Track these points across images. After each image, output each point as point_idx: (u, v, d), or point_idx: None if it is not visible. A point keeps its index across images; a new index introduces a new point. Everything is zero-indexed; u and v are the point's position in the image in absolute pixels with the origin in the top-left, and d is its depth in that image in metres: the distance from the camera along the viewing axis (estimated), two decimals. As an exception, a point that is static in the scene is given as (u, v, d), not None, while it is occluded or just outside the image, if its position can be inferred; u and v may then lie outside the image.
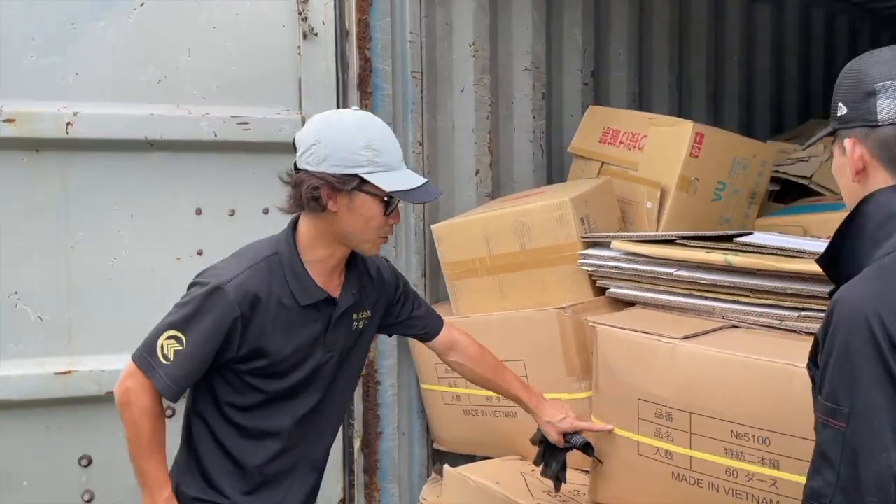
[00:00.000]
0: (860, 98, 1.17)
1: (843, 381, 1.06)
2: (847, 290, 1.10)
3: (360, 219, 1.57)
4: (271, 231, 2.49)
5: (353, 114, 1.61)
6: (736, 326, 2.02)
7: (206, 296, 1.55)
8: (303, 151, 1.57)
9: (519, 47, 3.13)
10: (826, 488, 1.07)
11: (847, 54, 4.90)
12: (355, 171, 1.52)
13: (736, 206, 2.77)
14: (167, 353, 1.55)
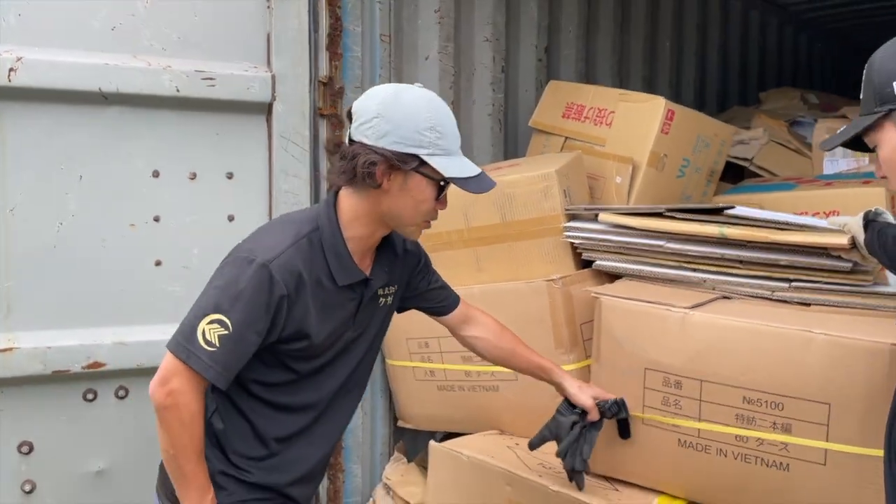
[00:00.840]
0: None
1: None
2: None
3: (411, 201, 1.48)
4: (235, 196, 2.37)
5: (422, 92, 1.50)
6: (728, 297, 2.07)
7: (253, 276, 1.41)
8: (361, 122, 1.46)
9: (481, 17, 3.07)
10: None
11: (758, 47, 5.20)
12: (416, 152, 1.43)
13: (696, 184, 2.85)
14: (211, 339, 1.39)
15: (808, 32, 5.80)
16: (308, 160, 2.44)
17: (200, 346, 1.39)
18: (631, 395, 1.95)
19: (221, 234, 2.35)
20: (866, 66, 1.32)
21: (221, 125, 2.34)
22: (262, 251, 1.44)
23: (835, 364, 1.65)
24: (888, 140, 1.27)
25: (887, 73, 1.25)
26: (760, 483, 1.76)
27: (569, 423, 1.86)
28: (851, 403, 1.64)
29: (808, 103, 4.10)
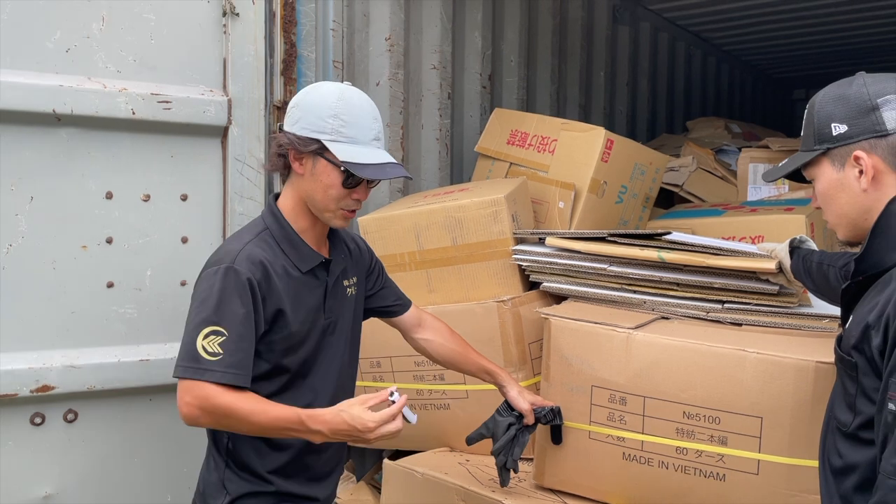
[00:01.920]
0: (861, 114, 1.34)
1: None
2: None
3: (319, 185, 1.61)
4: (189, 218, 2.39)
5: (338, 86, 1.65)
6: (666, 318, 2.21)
7: (222, 279, 1.53)
8: (287, 112, 1.65)
9: (429, 45, 3.17)
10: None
11: (685, 77, 5.48)
12: (318, 137, 1.58)
13: (634, 209, 3.01)
14: (213, 350, 1.48)
15: (729, 63, 6.15)
16: (262, 183, 2.47)
17: (207, 360, 1.47)
18: (578, 411, 2.06)
19: (175, 255, 2.35)
20: (808, 105, 1.46)
21: (176, 147, 2.35)
22: (223, 258, 1.58)
23: (766, 380, 1.80)
24: (824, 175, 1.41)
25: (826, 115, 1.39)
26: (699, 493, 1.89)
27: (505, 424, 1.99)
28: (781, 417, 1.79)
29: (731, 132, 4.36)
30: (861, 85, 1.37)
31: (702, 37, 5.50)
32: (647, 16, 4.90)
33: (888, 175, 1.34)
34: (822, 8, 4.71)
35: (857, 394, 1.32)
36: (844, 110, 1.37)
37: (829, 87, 1.43)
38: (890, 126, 1.32)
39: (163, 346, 2.33)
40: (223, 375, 1.48)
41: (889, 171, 1.33)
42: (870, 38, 5.30)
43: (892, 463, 1.19)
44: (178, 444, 2.37)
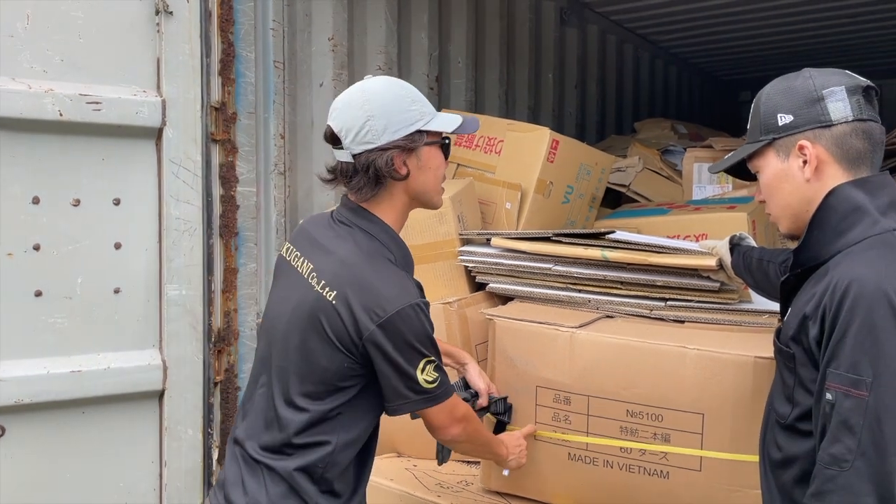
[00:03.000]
0: (807, 105, 1.34)
1: (865, 353, 1.18)
2: (860, 272, 1.22)
3: (430, 172, 1.60)
4: (122, 223, 2.30)
5: (380, 80, 1.60)
6: (611, 316, 2.20)
7: (418, 316, 1.52)
8: (356, 134, 1.53)
9: (374, 45, 3.13)
10: (847, 454, 1.18)
11: (633, 79, 5.54)
12: (416, 127, 1.55)
13: (580, 209, 3.01)
14: (433, 378, 1.55)
15: (676, 66, 6.24)
16: (200, 186, 2.41)
17: (435, 388, 1.55)
18: (524, 412, 2.04)
19: (107, 262, 2.27)
20: (755, 99, 1.47)
21: (108, 150, 2.27)
22: (404, 296, 1.51)
23: (707, 376, 1.80)
24: (769, 166, 1.41)
25: (773, 107, 1.40)
26: (644, 491, 1.88)
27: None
28: (722, 413, 1.79)
29: (677, 133, 4.41)
30: (807, 77, 1.38)
31: (649, 39, 5.57)
32: (594, 18, 4.94)
33: (831, 166, 1.34)
34: (767, 11, 4.80)
35: (795, 385, 1.33)
36: (790, 101, 1.38)
37: (776, 81, 1.44)
38: (834, 117, 1.33)
39: (95, 356, 2.25)
40: (450, 391, 1.60)
41: (832, 162, 1.34)
42: (814, 40, 5.42)
43: (829, 453, 1.20)
44: (112, 458, 2.29)
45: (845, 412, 1.19)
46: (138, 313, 2.32)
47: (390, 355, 1.49)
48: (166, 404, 2.35)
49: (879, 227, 1.28)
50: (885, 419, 1.16)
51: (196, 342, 2.40)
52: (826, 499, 1.20)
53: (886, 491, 1.16)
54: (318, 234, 1.65)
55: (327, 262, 1.56)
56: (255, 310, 2.61)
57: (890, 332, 1.18)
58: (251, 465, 1.58)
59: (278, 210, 2.70)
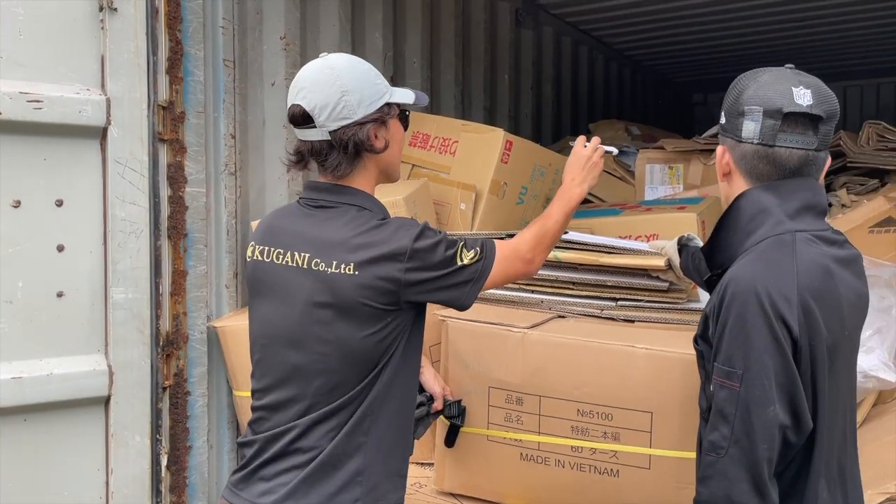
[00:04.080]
0: (735, 114, 1.38)
1: (738, 348, 1.26)
2: (737, 270, 1.30)
3: (397, 144, 1.63)
4: (65, 225, 2.24)
5: (343, 57, 1.60)
6: (563, 317, 2.22)
7: (429, 235, 1.54)
8: (330, 112, 1.52)
9: (327, 45, 3.10)
10: (722, 441, 1.26)
11: (588, 81, 5.59)
12: (385, 100, 1.56)
13: (535, 210, 3.03)
14: (473, 255, 1.56)
15: (631, 68, 6.33)
16: (147, 186, 2.35)
17: (476, 259, 1.56)
18: (476, 413, 2.04)
19: (50, 265, 2.21)
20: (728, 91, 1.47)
21: (50, 150, 2.20)
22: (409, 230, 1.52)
23: (655, 375, 1.83)
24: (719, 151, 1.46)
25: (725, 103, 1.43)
26: (594, 490, 1.90)
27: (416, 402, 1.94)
28: (670, 411, 1.82)
29: (631, 134, 4.47)
30: (746, 86, 1.39)
31: (604, 42, 5.63)
32: (549, 20, 4.97)
33: (738, 176, 1.41)
34: (719, 15, 4.89)
35: (706, 380, 1.39)
36: (729, 104, 1.42)
37: (746, 75, 1.44)
38: (744, 135, 1.37)
39: (38, 362, 2.18)
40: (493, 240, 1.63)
41: (738, 174, 1.41)
42: (765, 44, 5.55)
43: (709, 440, 1.27)
44: (56, 467, 2.22)
45: (721, 402, 1.27)
46: (83, 317, 2.26)
47: (433, 277, 1.51)
48: (112, 410, 2.29)
49: (781, 227, 1.32)
50: (753, 409, 1.23)
51: (143, 346, 2.34)
52: (707, 483, 1.28)
53: (758, 476, 1.23)
54: (296, 226, 1.59)
55: (327, 245, 1.53)
56: (206, 313, 2.56)
57: (759, 327, 1.24)
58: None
59: (229, 211, 2.66)
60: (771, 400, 1.23)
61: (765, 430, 1.23)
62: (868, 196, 3.20)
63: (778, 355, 1.24)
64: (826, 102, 1.35)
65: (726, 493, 1.24)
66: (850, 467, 1.41)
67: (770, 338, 1.24)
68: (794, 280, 1.26)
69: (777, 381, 1.24)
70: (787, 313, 1.24)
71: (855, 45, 5.69)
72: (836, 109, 1.36)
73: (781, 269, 1.27)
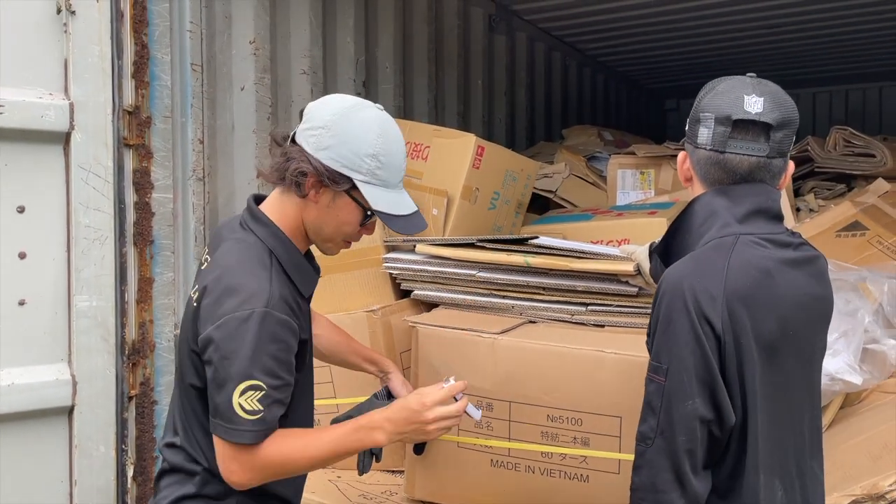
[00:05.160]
0: (694, 121, 1.42)
1: (664, 343, 1.31)
2: (671, 269, 1.35)
3: (334, 220, 1.50)
4: (27, 232, 2.19)
5: (378, 115, 1.48)
6: (533, 322, 2.21)
7: (258, 326, 1.37)
8: (308, 127, 1.46)
9: (298, 49, 3.08)
10: (650, 432, 1.32)
11: (561, 86, 5.62)
12: (351, 175, 1.44)
13: (506, 215, 3.03)
14: (251, 407, 1.36)
15: (604, 74, 6.37)
16: (112, 192, 2.31)
17: (245, 420, 1.37)
18: (447, 420, 2.02)
19: (11, 272, 2.16)
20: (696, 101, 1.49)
21: (11, 155, 2.16)
22: (252, 300, 1.38)
23: (623, 380, 1.83)
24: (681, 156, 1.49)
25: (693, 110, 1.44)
26: (564, 495, 1.90)
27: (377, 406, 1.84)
28: (639, 415, 1.81)
29: (604, 140, 4.49)
30: (705, 94, 1.43)
31: (577, 48, 5.66)
32: (522, 26, 4.99)
33: (696, 180, 1.45)
34: (691, 21, 4.94)
35: None
36: (692, 111, 1.44)
37: (709, 84, 1.46)
38: (699, 141, 1.40)
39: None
40: (258, 434, 1.39)
41: (696, 179, 1.44)
42: (738, 49, 5.61)
43: (639, 430, 1.33)
44: (18, 478, 2.17)
45: (649, 395, 1.33)
46: (45, 326, 2.22)
47: (214, 364, 1.39)
48: (76, 420, 2.25)
49: (727, 230, 1.36)
50: (674, 402, 1.29)
51: (108, 355, 2.30)
52: (638, 472, 1.34)
53: (678, 466, 1.28)
54: (223, 234, 1.59)
55: (209, 266, 1.52)
56: (173, 321, 2.52)
57: (681, 324, 1.29)
58: None
59: (197, 217, 2.62)
60: (690, 394, 1.28)
61: (684, 422, 1.28)
62: (835, 201, 3.25)
63: (699, 351, 1.28)
64: (779, 110, 1.37)
65: (652, 482, 1.30)
66: (812, 468, 1.43)
67: (691, 335, 1.28)
68: (721, 280, 1.29)
69: (697, 376, 1.28)
70: (711, 311, 1.28)
71: (825, 52, 5.78)
72: (790, 117, 1.38)
73: (712, 269, 1.31)
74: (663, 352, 1.31)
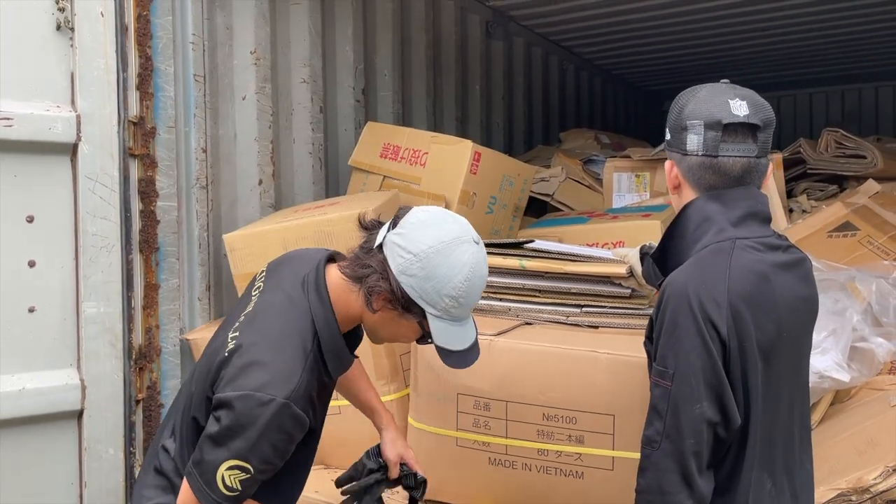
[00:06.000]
0: (679, 130, 1.46)
1: (670, 348, 1.34)
2: (674, 275, 1.39)
3: (393, 331, 1.52)
4: (36, 241, 2.26)
5: (472, 256, 1.45)
6: (529, 324, 2.27)
7: (273, 416, 1.37)
8: (399, 244, 1.42)
9: (297, 59, 3.15)
10: (656, 435, 1.34)
11: (559, 90, 5.67)
12: (426, 308, 1.43)
13: (504, 219, 3.09)
14: (232, 484, 1.38)
15: (601, 77, 6.42)
16: (118, 202, 2.38)
17: (221, 492, 1.39)
18: (446, 419, 2.08)
19: (21, 280, 2.23)
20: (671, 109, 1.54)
21: (21, 166, 2.22)
22: (277, 387, 1.38)
23: (617, 379, 1.88)
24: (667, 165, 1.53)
25: (670, 119, 1.50)
26: (560, 492, 1.95)
27: (367, 468, 1.84)
28: (631, 414, 1.87)
29: (601, 143, 4.55)
30: (686, 102, 1.47)
31: (574, 52, 5.72)
32: (520, 31, 5.04)
33: (686, 188, 1.48)
34: (686, 24, 4.99)
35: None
36: (672, 121, 1.49)
37: (685, 93, 1.51)
38: (689, 148, 1.44)
39: (9, 377, 2.20)
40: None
41: (687, 186, 1.48)
42: (732, 51, 5.66)
43: (645, 434, 1.35)
44: (30, 480, 2.23)
45: (655, 399, 1.35)
46: (54, 332, 2.28)
47: (220, 426, 1.39)
48: (85, 424, 2.31)
49: (723, 235, 1.40)
50: (682, 406, 1.31)
51: (116, 360, 2.36)
52: (644, 474, 1.36)
53: (685, 468, 1.31)
54: (285, 275, 1.58)
55: (253, 311, 1.52)
56: (178, 325, 2.59)
57: (688, 329, 1.32)
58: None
59: (201, 224, 2.68)
60: (698, 398, 1.31)
61: (692, 426, 1.31)
62: (827, 202, 3.30)
63: (706, 355, 1.31)
64: (762, 112, 1.42)
65: (658, 484, 1.32)
66: (802, 463, 1.48)
67: (698, 339, 1.31)
68: (725, 285, 1.33)
69: (705, 380, 1.31)
70: (716, 316, 1.31)
71: (820, 53, 5.83)
72: (772, 118, 1.44)
73: (715, 275, 1.34)
74: (669, 356, 1.32)
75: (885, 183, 3.25)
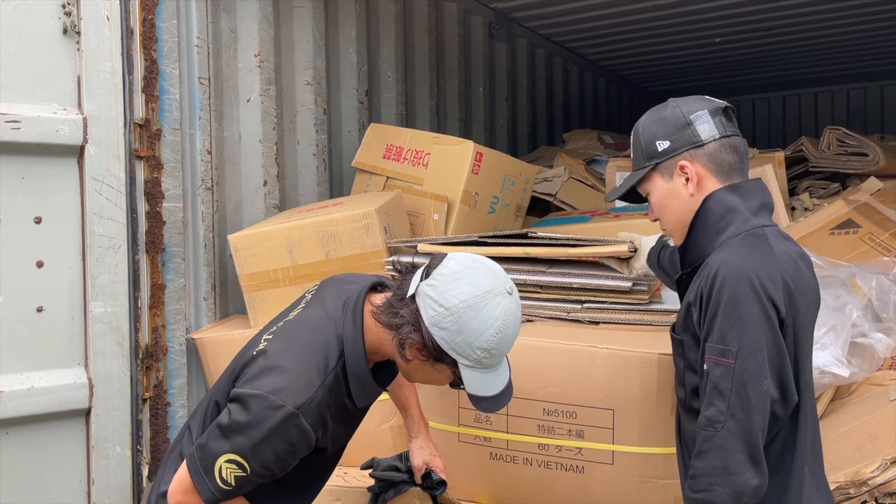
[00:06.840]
0: (679, 130, 1.49)
1: (732, 326, 1.34)
2: (726, 258, 1.39)
3: (425, 376, 1.53)
4: (44, 241, 2.29)
5: (504, 310, 1.43)
6: (531, 320, 2.29)
7: (280, 422, 1.40)
8: (432, 296, 1.43)
9: (301, 61, 3.18)
10: (719, 415, 1.33)
11: (562, 91, 5.69)
12: (457, 359, 1.44)
13: (506, 219, 3.11)
14: (227, 478, 1.42)
15: (605, 78, 6.44)
16: (124, 203, 2.41)
17: (216, 482, 1.43)
18: (448, 414, 2.11)
19: (30, 280, 2.26)
20: (633, 131, 1.60)
21: (28, 168, 2.26)
22: (291, 394, 1.41)
23: (616, 374, 1.90)
24: (657, 188, 1.56)
25: (651, 136, 1.55)
26: (561, 486, 1.97)
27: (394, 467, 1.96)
28: (631, 408, 1.89)
29: (604, 143, 4.57)
30: (674, 107, 1.55)
31: (577, 52, 5.74)
32: (523, 32, 5.07)
33: (708, 179, 1.50)
34: (691, 24, 5.00)
35: (685, 369, 1.48)
36: (665, 129, 1.52)
37: (647, 114, 1.60)
38: (704, 137, 1.49)
39: (18, 376, 2.23)
40: (215, 501, 1.46)
41: (709, 176, 1.50)
42: (736, 51, 5.68)
43: (705, 416, 1.34)
44: (38, 478, 2.26)
45: (716, 379, 1.34)
46: (62, 331, 2.31)
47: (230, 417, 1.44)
48: (93, 422, 2.34)
49: (750, 223, 1.45)
50: (749, 383, 1.31)
51: (123, 359, 2.39)
52: (704, 457, 1.34)
53: (753, 447, 1.31)
54: (330, 294, 1.63)
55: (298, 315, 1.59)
56: (184, 325, 2.62)
57: (751, 306, 1.33)
58: None
59: (206, 225, 2.72)
60: (764, 374, 1.32)
61: (760, 402, 1.32)
62: (829, 199, 3.31)
63: (770, 332, 1.33)
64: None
65: (724, 465, 1.31)
66: (819, 449, 1.51)
67: (763, 316, 1.33)
68: (776, 265, 1.37)
69: (769, 356, 1.33)
70: (775, 294, 1.34)
71: (825, 52, 5.84)
72: None
73: (764, 256, 1.38)
74: (731, 334, 1.32)
75: (887, 180, 3.26)
